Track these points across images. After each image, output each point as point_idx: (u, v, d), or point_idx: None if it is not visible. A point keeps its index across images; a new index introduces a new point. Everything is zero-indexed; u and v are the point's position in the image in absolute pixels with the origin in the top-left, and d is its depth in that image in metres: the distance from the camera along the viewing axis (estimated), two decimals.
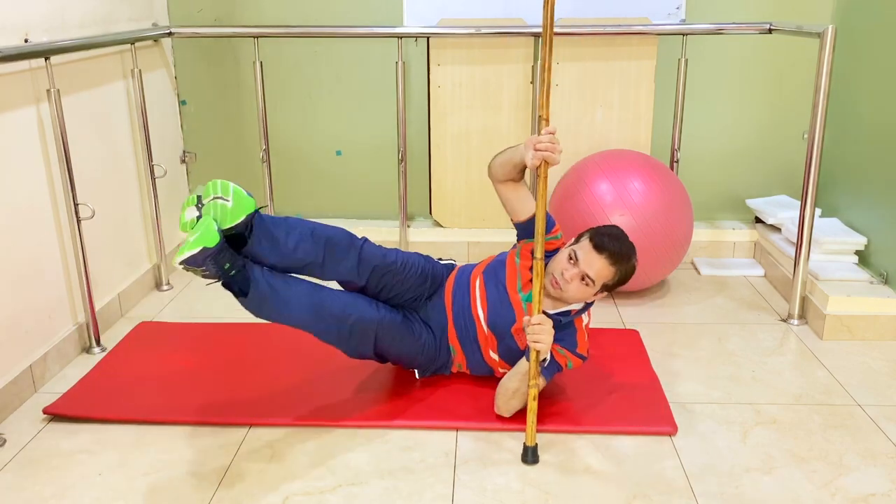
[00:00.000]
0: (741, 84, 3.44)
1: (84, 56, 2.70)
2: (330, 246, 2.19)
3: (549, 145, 1.95)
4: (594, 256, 2.09)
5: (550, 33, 1.87)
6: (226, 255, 2.00)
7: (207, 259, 1.95)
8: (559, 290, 2.12)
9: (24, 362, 2.35)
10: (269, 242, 2.10)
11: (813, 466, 2.02)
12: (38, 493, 1.92)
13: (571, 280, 2.10)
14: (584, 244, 2.13)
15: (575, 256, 2.10)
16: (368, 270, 2.23)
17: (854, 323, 2.72)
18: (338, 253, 2.20)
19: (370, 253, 2.25)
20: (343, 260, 2.21)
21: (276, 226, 2.13)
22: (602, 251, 2.09)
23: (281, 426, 2.19)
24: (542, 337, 2.00)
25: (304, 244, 2.15)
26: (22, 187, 2.35)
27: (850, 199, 3.15)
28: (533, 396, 2.02)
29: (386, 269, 2.26)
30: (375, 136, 3.55)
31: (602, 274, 2.10)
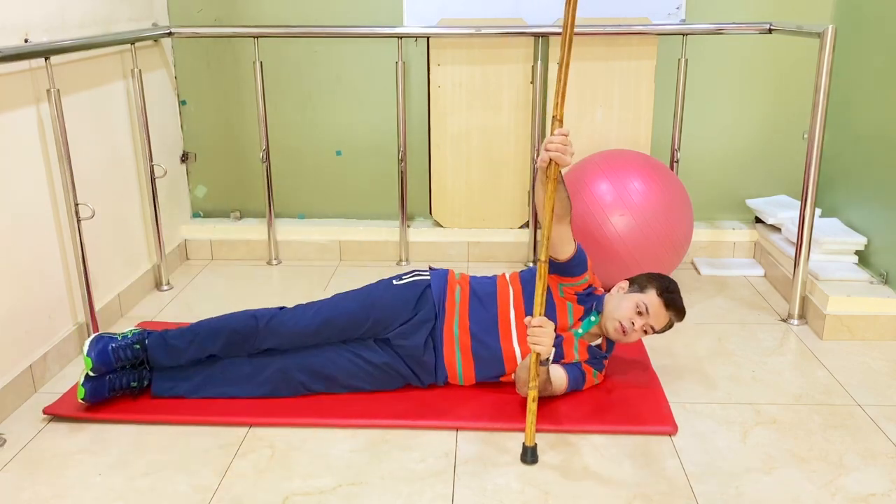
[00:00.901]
0: (741, 84, 3.44)
1: (84, 56, 2.70)
2: (230, 341, 2.30)
3: (559, 146, 1.95)
4: (663, 313, 2.28)
5: (571, 33, 1.87)
6: (120, 382, 2.24)
7: (101, 394, 2.21)
8: (622, 335, 2.27)
9: (24, 362, 2.35)
10: (170, 358, 2.29)
11: (813, 466, 2.02)
12: (38, 493, 1.92)
13: (639, 330, 2.26)
14: (653, 298, 2.27)
15: (646, 310, 2.25)
16: (287, 341, 2.29)
17: (854, 323, 2.72)
18: (241, 340, 2.30)
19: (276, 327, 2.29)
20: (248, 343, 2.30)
21: (167, 350, 2.29)
22: (670, 309, 2.29)
23: (281, 426, 2.19)
24: (543, 339, 2.00)
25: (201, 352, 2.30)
26: (22, 187, 2.35)
27: (850, 199, 3.15)
28: (532, 398, 2.02)
29: (309, 333, 2.29)
30: (375, 136, 3.55)
31: (661, 325, 2.30)
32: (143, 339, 2.29)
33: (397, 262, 3.51)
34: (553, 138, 1.96)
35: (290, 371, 2.28)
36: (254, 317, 2.31)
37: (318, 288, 3.23)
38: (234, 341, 2.29)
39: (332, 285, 3.24)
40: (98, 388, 2.20)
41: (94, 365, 2.18)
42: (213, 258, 3.59)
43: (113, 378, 2.22)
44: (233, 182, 3.66)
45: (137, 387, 2.28)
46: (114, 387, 2.23)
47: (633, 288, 2.34)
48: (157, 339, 2.29)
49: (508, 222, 3.55)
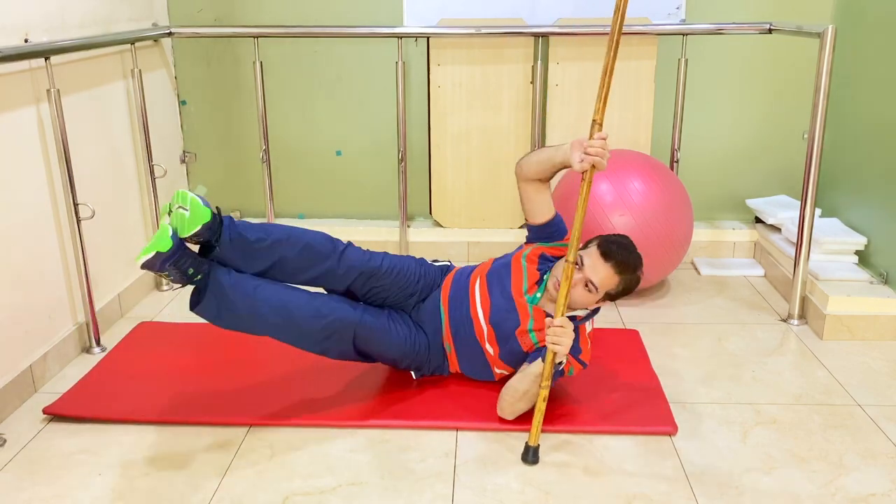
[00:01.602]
0: (741, 84, 3.44)
1: (84, 56, 2.70)
2: (308, 250, 2.20)
3: (600, 150, 1.95)
4: (600, 264, 2.10)
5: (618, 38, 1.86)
6: (186, 260, 2.05)
7: (166, 263, 2.01)
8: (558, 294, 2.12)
9: (24, 362, 2.35)
10: (240, 248, 2.12)
11: (813, 466, 2.02)
12: (38, 493, 1.92)
13: (575, 285, 2.09)
14: (591, 250, 2.13)
15: (581, 262, 2.10)
16: (351, 275, 2.24)
17: (854, 323, 2.72)
18: (316, 257, 2.20)
19: (352, 257, 2.25)
20: (322, 264, 2.21)
21: (250, 231, 2.14)
22: (609, 259, 2.09)
23: (281, 426, 2.19)
24: (563, 340, 1.99)
25: (280, 248, 2.16)
26: (22, 187, 2.35)
27: (850, 199, 3.15)
28: (543, 398, 2.02)
29: (370, 274, 2.26)
30: (375, 136, 3.55)
31: (606, 282, 2.11)
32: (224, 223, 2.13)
33: None
34: (594, 142, 1.95)
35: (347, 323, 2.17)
36: (331, 239, 2.26)
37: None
38: (309, 254, 2.19)
39: None
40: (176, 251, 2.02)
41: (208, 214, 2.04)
42: None
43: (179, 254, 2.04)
44: (233, 182, 3.66)
45: (193, 275, 2.08)
46: (177, 262, 2.03)
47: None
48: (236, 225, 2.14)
49: (508, 222, 3.55)
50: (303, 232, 2.23)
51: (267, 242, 2.15)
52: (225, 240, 2.10)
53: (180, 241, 2.04)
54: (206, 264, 2.11)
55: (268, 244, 2.15)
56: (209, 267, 2.11)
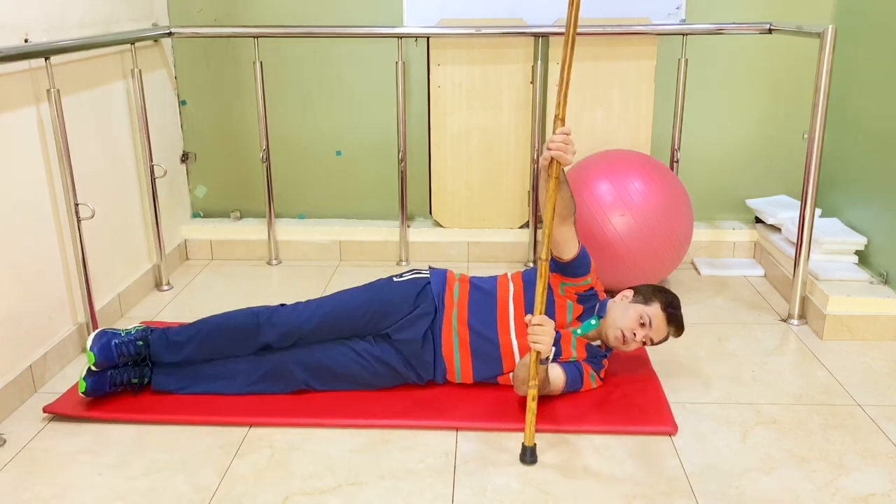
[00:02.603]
0: (741, 84, 3.44)
1: (84, 56, 2.70)
2: (231, 338, 2.31)
3: (561, 144, 1.98)
4: (664, 326, 2.29)
5: (574, 33, 1.88)
6: (123, 377, 2.26)
7: (106, 389, 2.24)
8: (622, 344, 2.27)
9: (24, 362, 2.35)
10: (171, 354, 2.31)
11: (813, 466, 2.02)
12: (38, 493, 1.92)
13: (639, 341, 2.27)
14: (657, 311, 2.28)
15: (649, 323, 2.26)
16: (289, 338, 2.31)
17: (854, 323, 2.72)
18: (243, 337, 2.31)
19: (279, 322, 2.30)
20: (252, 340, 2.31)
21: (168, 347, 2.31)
22: (671, 324, 2.30)
23: (281, 426, 2.19)
24: (543, 338, 2.00)
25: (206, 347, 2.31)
26: (22, 187, 2.35)
27: (850, 199, 3.15)
28: (532, 397, 2.02)
29: (308, 332, 2.30)
30: (375, 136, 3.55)
31: (660, 339, 2.32)
32: (146, 335, 2.31)
33: (397, 262, 3.51)
34: (555, 137, 1.98)
35: (288, 366, 2.29)
36: (254, 313, 2.33)
37: (318, 288, 3.23)
38: (235, 338, 2.30)
39: (332, 285, 3.24)
40: (99, 382, 2.23)
41: (97, 360, 2.20)
42: (213, 258, 3.59)
43: (114, 373, 2.25)
44: (233, 182, 3.66)
45: (138, 383, 2.30)
46: (115, 382, 2.25)
47: (636, 298, 2.34)
48: (159, 336, 2.32)
49: (508, 222, 3.55)
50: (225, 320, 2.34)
51: (186, 351, 2.31)
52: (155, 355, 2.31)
53: (95, 375, 2.22)
54: (146, 368, 2.31)
55: (188, 354, 2.31)
56: (150, 370, 2.32)
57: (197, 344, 2.31)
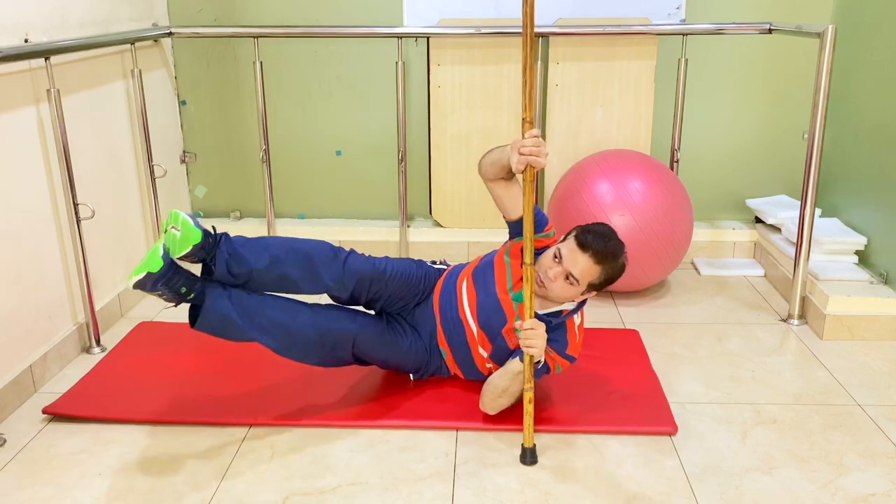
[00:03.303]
0: (741, 84, 3.44)
1: (84, 56, 2.70)
2: (309, 260, 2.17)
3: (532, 149, 1.91)
4: (578, 255, 2.05)
5: (531, 32, 1.83)
6: (179, 280, 2.04)
7: (157, 283, 2.00)
8: (544, 288, 2.10)
9: (24, 362, 2.35)
10: (237, 266, 2.10)
11: (813, 466, 2.02)
12: (38, 493, 1.92)
13: (555, 279, 2.06)
14: (569, 242, 2.09)
15: (559, 255, 2.07)
16: (353, 281, 2.22)
17: (854, 323, 2.72)
18: (319, 266, 2.18)
19: (355, 264, 2.23)
20: (325, 273, 2.18)
21: (247, 248, 2.12)
22: (586, 249, 2.05)
23: (281, 426, 2.19)
24: (535, 342, 1.98)
25: (280, 263, 2.13)
26: (22, 187, 2.35)
27: (850, 199, 3.15)
28: (528, 399, 2.01)
29: (372, 279, 2.24)
30: (375, 136, 3.55)
31: (587, 273, 2.06)
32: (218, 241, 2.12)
33: None
34: (525, 141, 1.91)
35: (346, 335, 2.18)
36: (332, 247, 2.23)
37: None
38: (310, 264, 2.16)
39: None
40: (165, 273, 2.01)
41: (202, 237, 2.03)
42: None
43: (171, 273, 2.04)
44: (233, 182, 3.65)
45: (186, 294, 2.08)
46: (169, 282, 2.03)
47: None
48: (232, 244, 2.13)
49: None
50: (303, 244, 2.20)
51: (263, 260, 2.12)
52: (221, 260, 2.09)
53: (171, 261, 2.03)
54: (199, 283, 2.11)
55: (264, 263, 2.12)
56: (203, 286, 2.11)
57: (271, 257, 2.12)
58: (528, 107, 1.87)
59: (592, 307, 2.87)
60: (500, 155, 2.10)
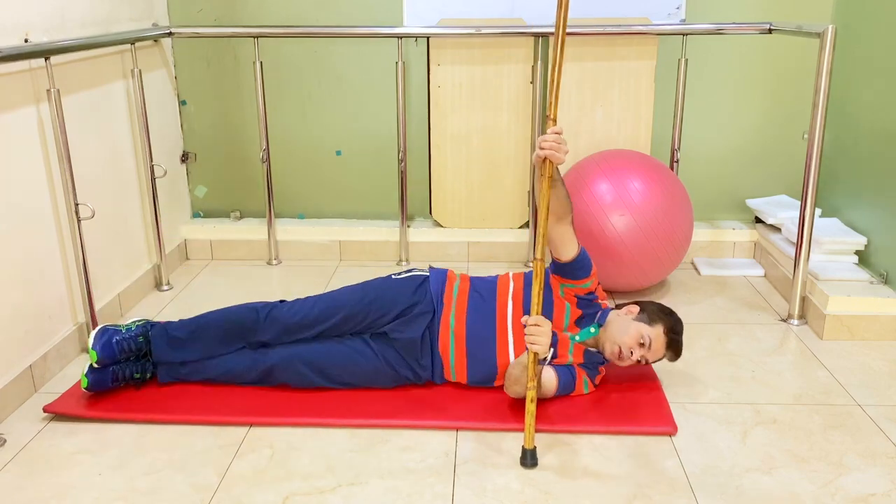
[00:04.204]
0: (741, 84, 3.44)
1: (84, 56, 2.70)
2: (231, 333, 2.33)
3: (553, 144, 1.97)
4: (662, 350, 2.26)
5: (563, 33, 1.87)
6: (125, 373, 2.29)
7: (109, 383, 2.26)
8: (621, 361, 2.24)
9: (24, 362, 2.35)
10: (172, 352, 2.33)
11: (813, 466, 2.02)
12: (38, 493, 1.92)
13: (636, 359, 2.24)
14: (658, 335, 2.24)
15: (648, 344, 2.22)
16: (290, 333, 2.33)
17: (854, 323, 2.72)
18: (243, 331, 2.33)
19: (280, 317, 2.33)
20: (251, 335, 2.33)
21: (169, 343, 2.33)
22: (670, 349, 2.27)
23: (281, 426, 2.19)
24: (540, 339, 1.99)
25: (205, 344, 2.33)
26: (22, 187, 2.35)
27: (850, 199, 3.15)
28: (531, 398, 2.01)
29: (307, 325, 2.32)
30: (375, 136, 3.55)
31: (655, 360, 2.29)
32: (146, 331, 2.33)
33: (397, 262, 3.51)
34: (546, 137, 1.97)
35: (290, 361, 2.30)
36: (254, 309, 2.36)
37: (318, 288, 3.22)
38: (235, 332, 2.32)
39: (332, 285, 3.24)
40: (101, 378, 2.25)
41: (99, 358, 2.23)
42: (213, 258, 3.59)
43: (116, 369, 2.27)
44: (233, 182, 3.66)
45: (140, 378, 2.33)
46: (117, 377, 2.27)
47: (641, 316, 2.28)
48: (159, 332, 2.34)
49: (508, 222, 3.55)
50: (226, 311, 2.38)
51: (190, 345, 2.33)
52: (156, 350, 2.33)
53: (97, 372, 2.25)
54: (148, 363, 2.34)
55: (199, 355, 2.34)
56: (152, 365, 2.35)
57: (197, 340, 2.32)
58: (554, 105, 1.93)
59: None
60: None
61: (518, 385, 2.15)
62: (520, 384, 2.14)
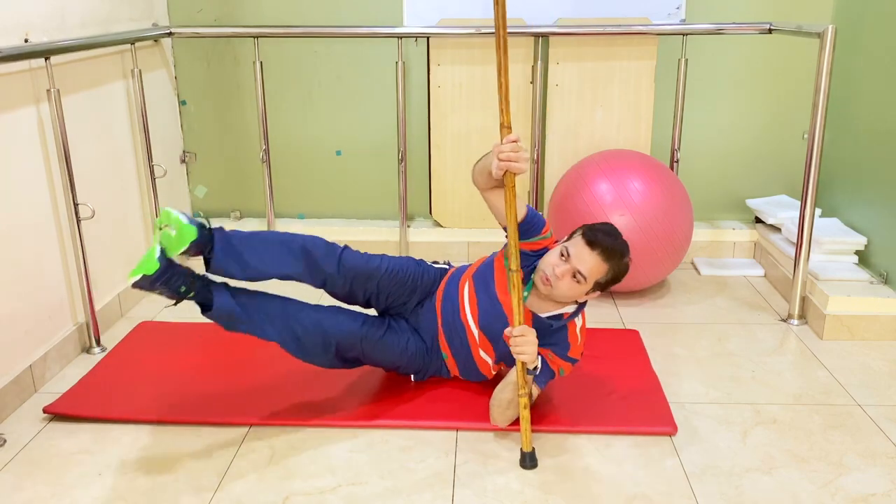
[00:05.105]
0: (741, 84, 3.44)
1: (84, 56, 2.70)
2: (306, 256, 2.20)
3: (511, 154, 1.90)
4: (586, 252, 2.03)
5: (504, 33, 1.84)
6: (178, 280, 2.05)
7: (156, 283, 2.00)
8: (549, 287, 2.06)
9: (24, 362, 2.35)
10: (235, 262, 2.12)
11: (813, 466, 2.02)
12: (38, 493, 1.92)
13: (563, 276, 2.03)
14: (576, 240, 2.06)
15: (567, 253, 2.04)
16: (350, 278, 2.23)
17: (854, 323, 2.72)
18: (315, 262, 2.20)
19: (351, 260, 2.24)
20: (321, 269, 2.21)
21: (243, 243, 2.14)
22: (595, 247, 2.02)
23: (281, 426, 2.19)
24: (526, 348, 1.98)
25: (277, 259, 2.17)
26: (22, 187, 2.35)
27: (850, 199, 3.15)
28: (524, 405, 2.01)
29: (368, 275, 2.25)
30: (375, 136, 3.55)
31: (594, 271, 2.03)
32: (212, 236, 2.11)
33: None
34: (503, 147, 1.90)
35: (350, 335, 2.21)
36: (328, 244, 2.24)
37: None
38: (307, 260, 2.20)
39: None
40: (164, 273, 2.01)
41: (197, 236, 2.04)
42: None
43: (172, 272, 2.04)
44: (233, 182, 3.66)
45: (186, 292, 2.08)
46: (168, 282, 2.03)
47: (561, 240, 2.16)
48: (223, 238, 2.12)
49: None
50: (298, 239, 2.22)
51: (258, 256, 2.14)
52: (218, 258, 2.10)
53: (168, 261, 2.03)
54: (199, 281, 2.12)
55: (260, 259, 2.14)
56: (204, 284, 2.13)
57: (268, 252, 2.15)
58: (506, 111, 1.86)
59: (592, 307, 2.87)
60: (486, 163, 2.07)
61: (511, 409, 2.12)
62: (512, 408, 2.12)
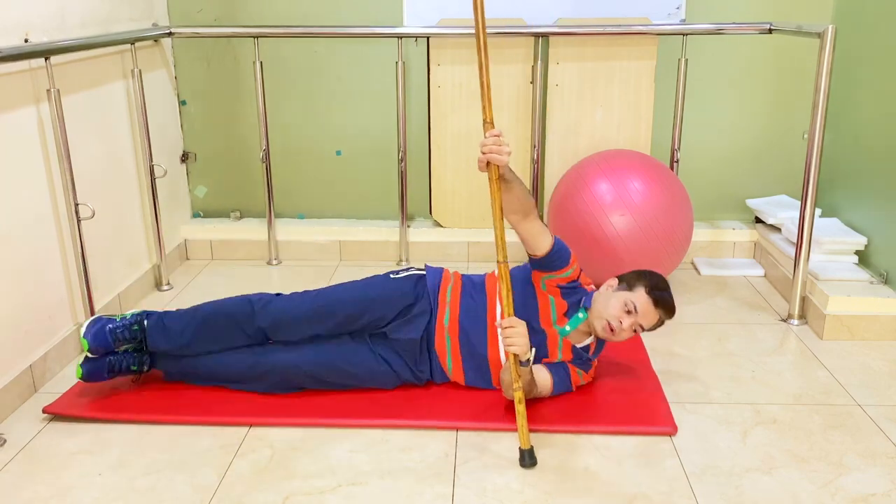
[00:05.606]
0: (741, 84, 3.44)
1: (84, 56, 2.70)
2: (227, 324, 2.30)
3: (493, 146, 1.98)
4: (652, 311, 2.21)
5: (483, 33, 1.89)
6: (122, 365, 2.28)
7: (104, 374, 2.26)
8: (611, 335, 2.21)
9: (24, 362, 2.35)
10: (167, 340, 2.30)
11: (813, 466, 2.02)
12: (38, 493, 1.92)
13: (628, 329, 2.19)
14: (641, 296, 2.20)
15: (634, 309, 2.18)
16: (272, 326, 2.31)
17: (854, 323, 2.72)
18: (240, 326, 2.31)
19: (273, 310, 2.32)
20: (246, 327, 2.31)
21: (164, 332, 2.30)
22: (659, 307, 2.21)
23: (281, 426, 2.19)
24: (516, 339, 2.00)
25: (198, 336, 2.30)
26: (22, 187, 2.35)
27: (850, 199, 3.15)
28: (518, 399, 2.01)
29: (304, 320, 2.30)
30: (375, 136, 3.55)
31: (651, 324, 2.24)
32: (142, 320, 2.31)
33: (397, 262, 3.51)
34: (486, 140, 1.98)
35: (288, 369, 2.28)
36: (249, 300, 2.34)
37: None
38: (231, 324, 2.30)
39: None
40: (96, 369, 2.25)
41: (91, 346, 2.22)
42: (213, 258, 3.59)
43: (112, 360, 2.27)
44: (233, 182, 3.66)
45: (137, 370, 2.32)
46: (112, 369, 2.27)
47: (621, 286, 2.27)
48: (155, 321, 2.31)
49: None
50: (220, 307, 2.35)
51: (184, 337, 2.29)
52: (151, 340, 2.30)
53: (92, 362, 2.25)
54: (146, 356, 2.33)
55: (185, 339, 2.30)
56: (150, 357, 2.34)
57: (193, 331, 2.29)
58: (488, 108, 1.96)
59: None
60: None
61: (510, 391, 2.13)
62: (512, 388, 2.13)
